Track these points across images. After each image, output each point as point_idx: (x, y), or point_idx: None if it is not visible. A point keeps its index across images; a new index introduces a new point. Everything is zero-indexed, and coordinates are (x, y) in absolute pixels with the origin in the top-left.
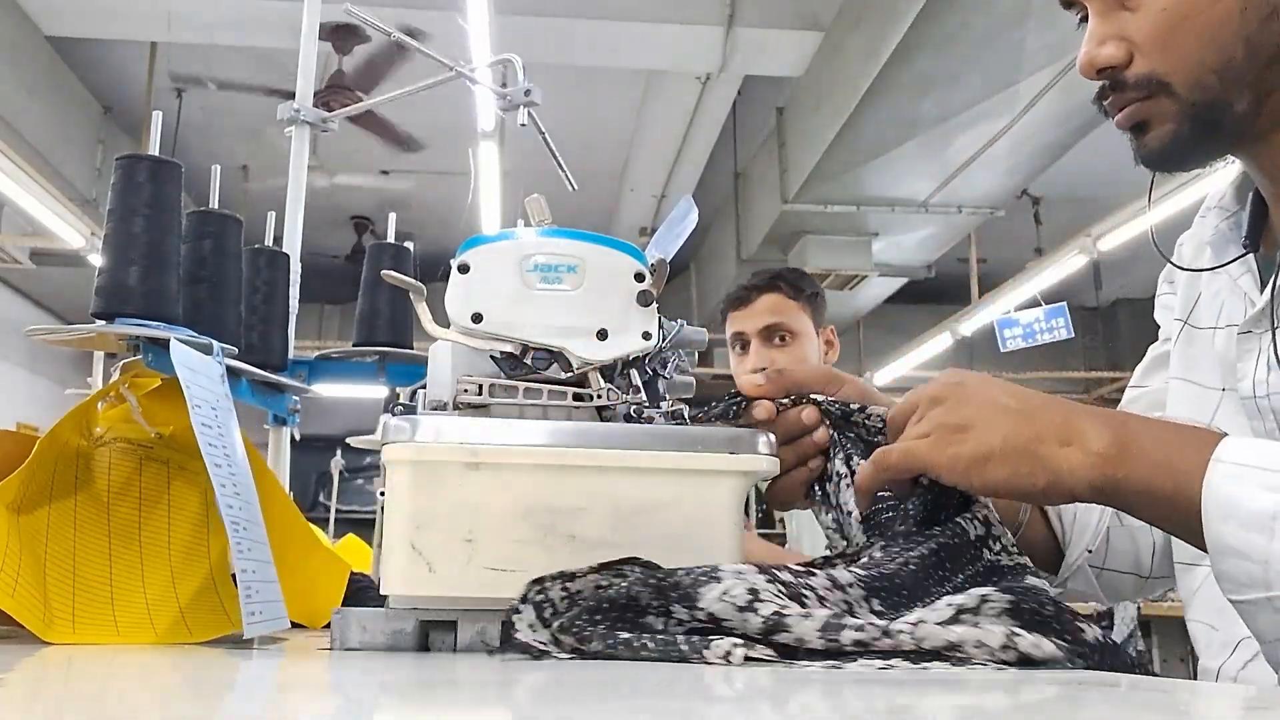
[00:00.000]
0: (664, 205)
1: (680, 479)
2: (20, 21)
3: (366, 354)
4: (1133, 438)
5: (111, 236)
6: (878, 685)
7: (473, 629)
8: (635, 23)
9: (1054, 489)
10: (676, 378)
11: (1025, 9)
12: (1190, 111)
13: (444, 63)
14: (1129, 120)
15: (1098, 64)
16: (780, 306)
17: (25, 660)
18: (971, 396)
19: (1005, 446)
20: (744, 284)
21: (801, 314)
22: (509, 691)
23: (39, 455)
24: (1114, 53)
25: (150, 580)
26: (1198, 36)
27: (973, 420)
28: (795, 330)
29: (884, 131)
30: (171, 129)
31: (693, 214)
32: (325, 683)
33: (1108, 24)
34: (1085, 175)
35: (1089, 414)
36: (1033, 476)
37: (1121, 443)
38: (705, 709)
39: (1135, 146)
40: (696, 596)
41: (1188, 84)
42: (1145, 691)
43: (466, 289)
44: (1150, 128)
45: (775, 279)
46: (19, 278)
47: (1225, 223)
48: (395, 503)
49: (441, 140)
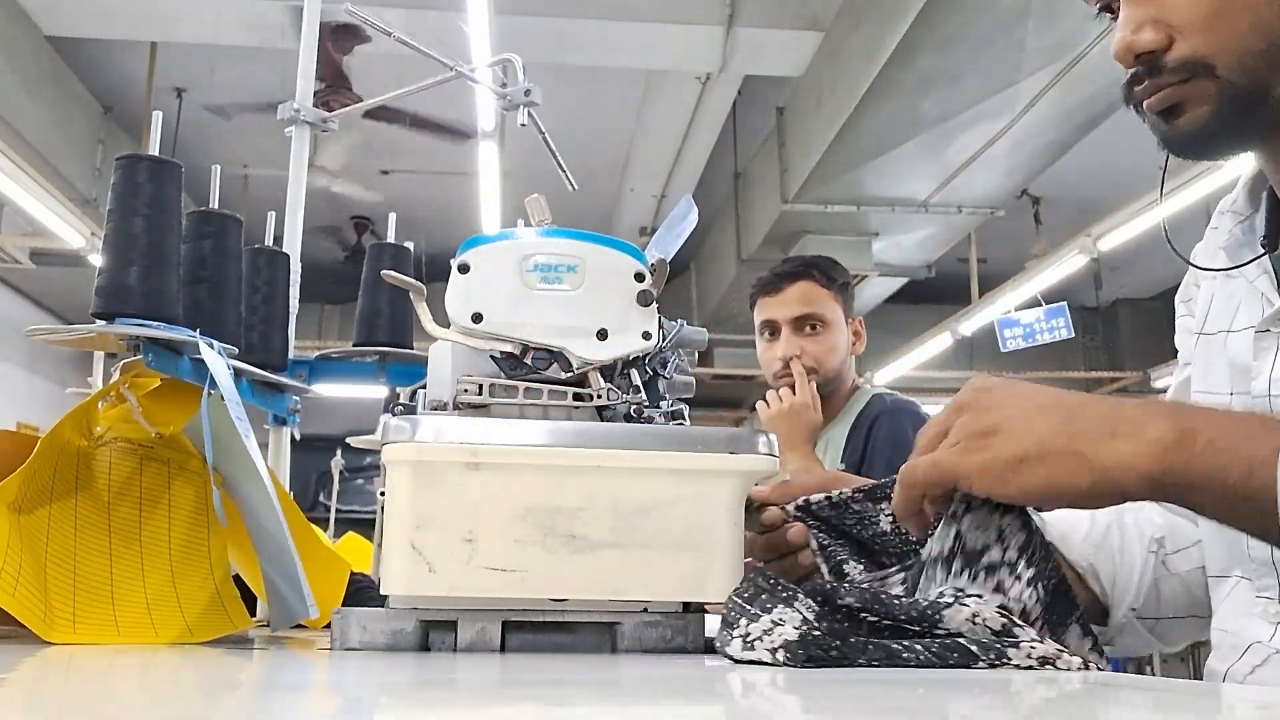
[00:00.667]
0: (664, 205)
1: (680, 479)
2: (20, 21)
3: (367, 354)
4: (1194, 424)
5: (111, 237)
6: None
7: (473, 629)
8: (635, 23)
9: (1101, 488)
10: (677, 378)
11: (1025, 9)
12: (1230, 92)
13: (444, 63)
14: (1163, 103)
15: (1137, 49)
16: (812, 295)
17: (27, 660)
18: (1000, 399)
19: (1042, 446)
20: (775, 270)
21: (833, 303)
22: (509, 691)
23: (40, 455)
24: (1154, 37)
25: (150, 580)
26: (1243, 18)
27: (1003, 422)
28: (826, 319)
29: (884, 131)
30: (172, 129)
31: (693, 214)
32: (325, 682)
33: (1144, 8)
34: (1085, 175)
35: (1139, 403)
36: (1075, 476)
37: (1182, 430)
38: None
39: (1164, 130)
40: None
41: (1231, 65)
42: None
43: (466, 289)
44: (1184, 110)
45: (808, 266)
46: (19, 278)
47: (1239, 226)
48: (395, 503)
49: (442, 140)
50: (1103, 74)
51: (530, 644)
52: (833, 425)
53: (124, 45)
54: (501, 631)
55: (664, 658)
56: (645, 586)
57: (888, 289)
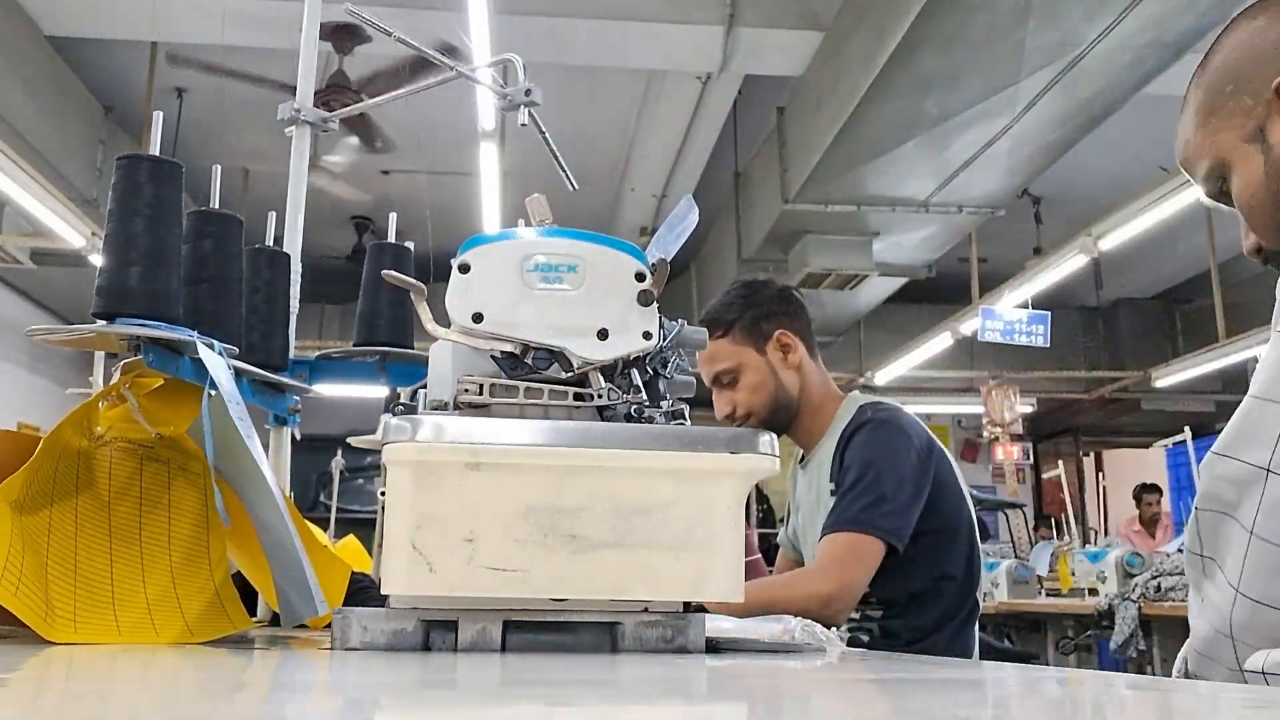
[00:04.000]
0: (664, 205)
1: (681, 479)
2: (20, 21)
3: (367, 354)
4: None
5: (112, 237)
6: (890, 684)
7: (473, 628)
8: (635, 23)
9: None
10: (677, 377)
11: (1025, 9)
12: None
13: (444, 62)
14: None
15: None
16: (713, 353)
17: (28, 660)
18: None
19: None
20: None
21: (734, 346)
22: (509, 691)
23: (41, 455)
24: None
25: (151, 580)
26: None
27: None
28: (732, 368)
29: (884, 131)
30: (172, 129)
31: (693, 214)
32: (326, 682)
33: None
34: (1085, 175)
35: None
36: None
37: None
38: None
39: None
40: None
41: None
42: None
43: (467, 289)
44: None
45: (703, 324)
46: (19, 278)
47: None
48: (396, 502)
49: (442, 140)
50: (1103, 74)
51: (531, 644)
52: (822, 441)
53: (124, 45)
54: (502, 631)
55: (664, 658)
56: (646, 586)
57: (888, 289)
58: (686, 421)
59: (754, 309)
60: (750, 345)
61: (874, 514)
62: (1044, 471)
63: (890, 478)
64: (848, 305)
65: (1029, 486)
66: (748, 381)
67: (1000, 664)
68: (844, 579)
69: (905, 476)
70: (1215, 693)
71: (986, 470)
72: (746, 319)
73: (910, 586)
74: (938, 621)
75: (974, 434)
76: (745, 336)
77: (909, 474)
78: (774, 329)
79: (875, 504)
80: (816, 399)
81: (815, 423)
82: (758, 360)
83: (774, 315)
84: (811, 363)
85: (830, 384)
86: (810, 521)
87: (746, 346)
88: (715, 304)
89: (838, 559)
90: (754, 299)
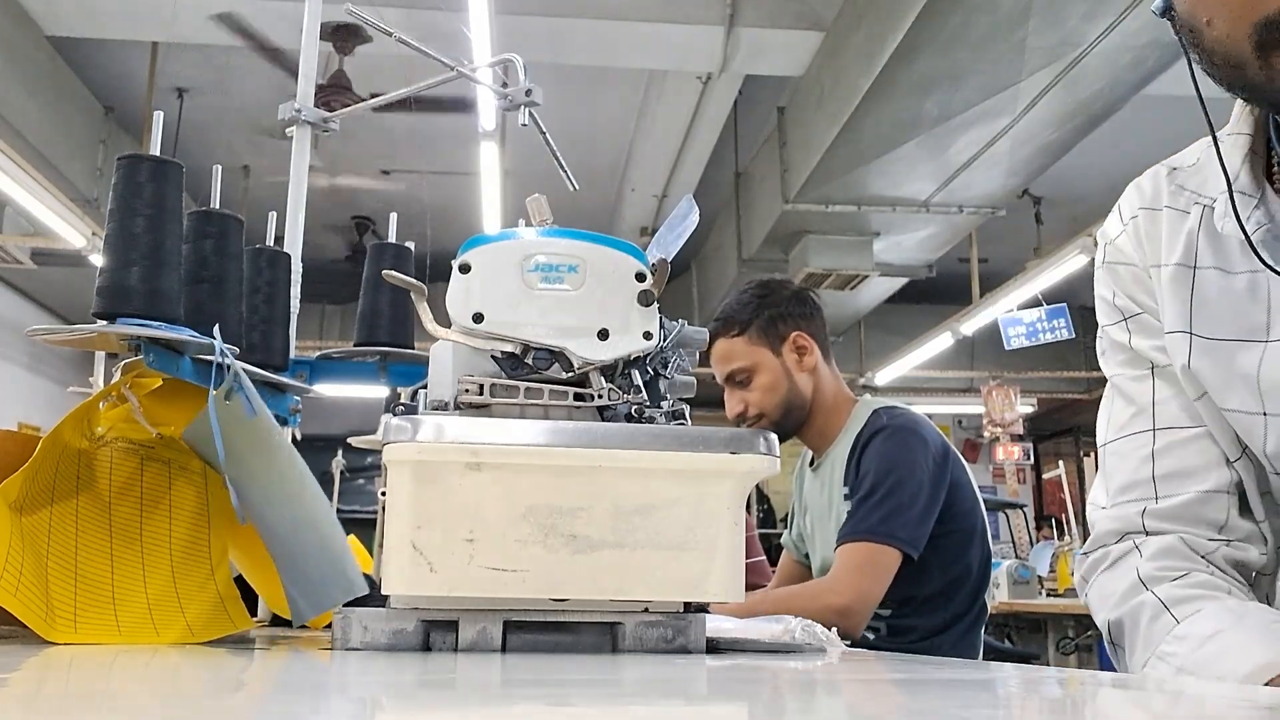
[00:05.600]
0: (665, 205)
1: (681, 479)
2: (21, 21)
3: (368, 354)
4: None
5: (113, 237)
6: (884, 685)
7: (474, 628)
8: (635, 23)
9: None
10: (678, 378)
11: (1026, 9)
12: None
13: (444, 62)
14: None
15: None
16: (728, 352)
17: (29, 660)
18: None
19: None
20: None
21: (750, 346)
22: (510, 691)
23: (41, 455)
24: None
25: (151, 580)
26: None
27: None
28: (748, 367)
29: (884, 131)
30: (172, 129)
31: (694, 214)
32: (327, 683)
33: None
34: (1085, 175)
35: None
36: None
37: None
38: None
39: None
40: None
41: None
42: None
43: (467, 289)
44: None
45: (718, 323)
46: (20, 278)
47: (1258, 212)
48: (396, 502)
49: (442, 140)
50: (1103, 74)
51: (531, 644)
52: (835, 444)
53: (124, 45)
54: (502, 631)
55: (665, 658)
56: (646, 586)
57: (888, 289)
58: (687, 422)
59: (771, 309)
60: (765, 346)
61: (892, 524)
62: (1044, 471)
63: (908, 486)
64: (848, 305)
65: (1029, 486)
66: (761, 382)
67: (1000, 664)
68: (860, 590)
69: (922, 484)
70: (1216, 694)
71: (987, 470)
72: (763, 319)
73: (925, 589)
74: (947, 622)
75: (974, 434)
76: (761, 337)
77: (926, 481)
78: (790, 330)
79: (894, 513)
80: (830, 402)
81: (828, 425)
82: (773, 361)
83: (790, 316)
84: (826, 366)
85: (843, 387)
86: (820, 524)
87: (762, 347)
88: (731, 302)
89: (856, 568)
90: (770, 299)
